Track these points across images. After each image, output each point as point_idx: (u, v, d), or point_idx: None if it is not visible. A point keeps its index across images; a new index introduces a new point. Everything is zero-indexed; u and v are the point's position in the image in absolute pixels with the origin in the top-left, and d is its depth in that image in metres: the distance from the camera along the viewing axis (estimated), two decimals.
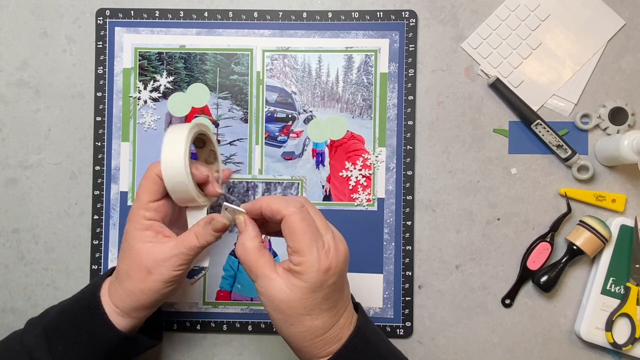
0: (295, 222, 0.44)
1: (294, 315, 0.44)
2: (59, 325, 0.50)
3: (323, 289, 0.44)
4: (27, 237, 0.64)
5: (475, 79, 0.65)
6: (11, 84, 0.65)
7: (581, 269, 0.63)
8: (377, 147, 0.64)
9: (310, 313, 0.44)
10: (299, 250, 0.44)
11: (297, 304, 0.44)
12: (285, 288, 0.44)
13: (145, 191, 0.50)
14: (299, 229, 0.44)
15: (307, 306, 0.44)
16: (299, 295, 0.44)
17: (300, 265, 0.44)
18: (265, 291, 0.45)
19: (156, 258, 0.48)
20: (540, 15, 0.64)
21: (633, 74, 0.64)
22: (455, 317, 0.63)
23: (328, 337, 0.46)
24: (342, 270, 0.46)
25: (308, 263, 0.44)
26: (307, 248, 0.44)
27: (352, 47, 0.64)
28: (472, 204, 0.64)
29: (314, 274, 0.44)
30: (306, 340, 0.45)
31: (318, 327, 0.45)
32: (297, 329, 0.45)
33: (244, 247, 0.46)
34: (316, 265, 0.44)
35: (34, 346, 0.49)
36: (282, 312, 0.45)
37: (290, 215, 0.44)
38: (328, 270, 0.44)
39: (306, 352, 0.46)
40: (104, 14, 0.64)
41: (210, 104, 0.64)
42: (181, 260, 0.49)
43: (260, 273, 0.45)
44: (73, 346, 0.49)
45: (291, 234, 0.44)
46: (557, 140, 0.62)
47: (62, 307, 0.52)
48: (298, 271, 0.44)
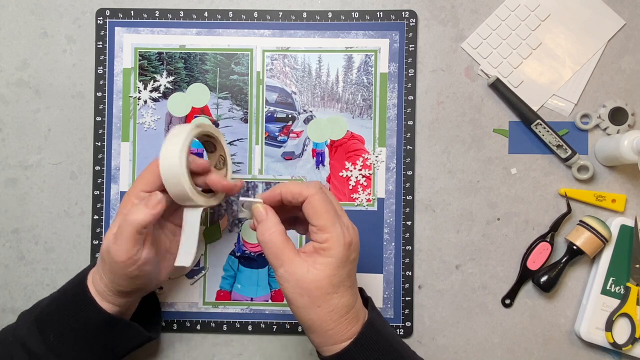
0: (319, 201, 0.46)
1: (321, 296, 0.45)
2: (49, 315, 0.51)
3: (347, 264, 0.46)
4: (27, 237, 0.64)
5: (475, 79, 0.65)
6: (11, 84, 0.65)
7: (581, 269, 0.63)
8: (377, 147, 0.64)
9: (337, 290, 0.46)
10: (324, 227, 0.46)
11: (325, 282, 0.45)
12: (312, 269, 0.45)
13: (141, 180, 0.51)
14: (323, 207, 0.46)
15: (334, 283, 0.45)
16: (327, 272, 0.45)
17: (327, 242, 0.45)
18: (291, 275, 0.45)
19: (103, 249, 0.50)
20: (540, 15, 0.64)
21: (633, 74, 0.64)
22: (455, 317, 0.63)
23: (350, 317, 0.47)
24: (358, 249, 0.48)
25: (334, 239, 0.45)
26: (332, 225, 0.46)
27: (352, 47, 0.64)
28: (472, 204, 0.64)
29: (340, 249, 0.45)
30: (332, 321, 0.46)
31: (343, 305, 0.46)
32: (324, 310, 0.46)
33: (269, 232, 0.47)
34: (341, 239, 0.46)
35: (26, 337, 0.50)
36: (310, 293, 0.45)
37: (314, 195, 0.46)
38: (350, 244, 0.46)
39: (330, 335, 0.46)
40: (104, 14, 0.64)
41: (210, 104, 0.64)
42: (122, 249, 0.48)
43: (287, 257, 0.46)
44: (64, 333, 0.50)
45: (315, 213, 0.46)
46: (557, 140, 0.62)
47: (52, 298, 0.53)
48: (325, 248, 0.45)
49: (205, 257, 0.64)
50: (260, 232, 0.47)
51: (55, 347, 0.50)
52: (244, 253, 0.64)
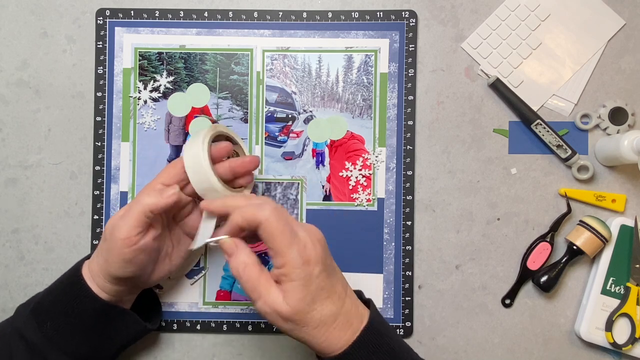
0: (273, 224, 0.45)
1: (302, 318, 0.45)
2: (45, 305, 0.52)
3: (313, 280, 0.45)
4: (27, 237, 0.64)
5: (475, 79, 0.65)
6: (11, 84, 0.65)
7: (581, 269, 0.63)
8: (377, 147, 0.64)
9: (314, 307, 0.45)
10: (280, 251, 0.45)
11: (300, 305, 0.45)
12: (284, 297, 0.45)
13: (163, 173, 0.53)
14: (277, 229, 0.45)
15: (308, 302, 0.45)
16: (298, 296, 0.45)
17: (284, 266, 0.45)
18: (269, 307, 0.45)
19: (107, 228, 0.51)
20: (540, 15, 0.64)
21: (633, 74, 0.64)
22: (455, 317, 0.63)
23: (339, 323, 0.46)
24: (323, 258, 0.47)
25: (291, 262, 0.45)
26: (287, 248, 0.45)
27: (352, 47, 0.64)
28: (472, 204, 0.64)
29: (299, 270, 0.45)
30: (321, 335, 0.46)
31: (327, 315, 0.46)
32: (310, 328, 0.46)
33: (244, 264, 0.46)
34: (298, 261, 0.45)
35: (23, 327, 0.51)
36: (292, 319, 0.45)
37: (267, 219, 0.45)
38: (309, 262, 0.45)
39: (325, 347, 0.47)
40: (104, 14, 0.64)
41: (210, 104, 0.64)
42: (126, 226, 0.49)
43: (264, 289, 0.46)
44: (60, 322, 0.50)
45: (270, 237, 0.45)
46: (557, 140, 0.62)
47: (48, 289, 0.54)
48: (285, 273, 0.45)
49: (205, 257, 0.64)
50: (234, 267, 0.47)
51: (52, 336, 0.50)
52: None
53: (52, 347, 0.50)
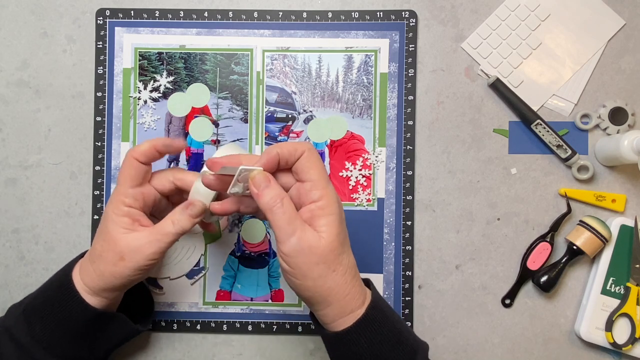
0: (315, 156, 0.46)
1: (335, 258, 0.45)
2: (36, 306, 0.51)
3: (343, 220, 0.47)
4: (27, 237, 0.64)
5: (475, 79, 0.65)
6: (11, 84, 0.65)
7: (581, 269, 0.63)
8: (377, 147, 0.64)
9: (344, 249, 0.46)
10: (319, 181, 0.45)
11: (336, 242, 0.45)
12: (322, 230, 0.44)
13: (125, 176, 0.50)
14: (318, 162, 0.46)
15: (342, 241, 0.46)
16: (335, 231, 0.45)
17: (323, 198, 0.45)
18: (305, 243, 0.43)
19: (130, 245, 0.49)
20: (540, 15, 0.64)
21: (633, 74, 0.64)
22: (455, 317, 0.63)
23: (358, 277, 0.47)
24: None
25: (330, 194, 0.45)
26: (326, 180, 0.46)
27: (352, 47, 0.64)
28: (472, 204, 0.64)
29: (336, 204, 0.46)
30: (347, 284, 0.46)
31: (352, 263, 0.47)
32: (339, 273, 0.45)
33: (282, 196, 0.44)
34: (335, 195, 0.46)
35: (14, 327, 0.51)
36: (325, 258, 0.44)
37: (311, 150, 0.46)
38: (340, 201, 0.47)
39: (348, 301, 0.46)
40: (104, 14, 0.64)
41: (210, 104, 0.64)
42: (155, 248, 0.49)
43: (299, 224, 0.44)
44: (50, 325, 0.50)
45: (311, 168, 0.45)
46: (557, 140, 0.62)
47: (39, 289, 0.54)
48: (322, 206, 0.45)
49: (205, 257, 0.64)
50: (270, 199, 0.44)
51: (41, 338, 0.50)
52: (244, 253, 0.64)
53: (41, 348, 0.50)
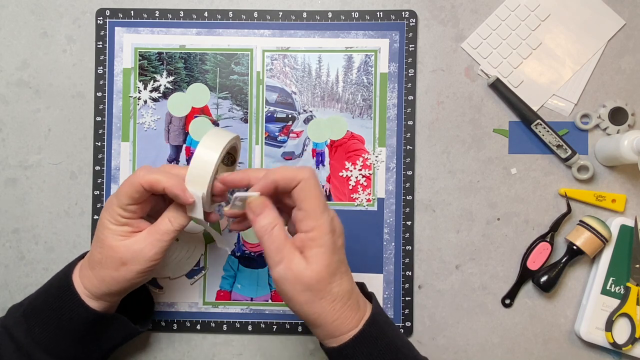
0: (312, 185, 0.46)
1: (323, 288, 0.45)
2: (36, 308, 0.51)
3: (337, 250, 0.46)
4: (27, 237, 0.64)
5: (475, 79, 0.65)
6: (11, 84, 0.65)
7: (581, 269, 0.63)
8: (377, 147, 0.64)
9: (335, 279, 0.46)
10: (313, 212, 0.45)
11: (324, 272, 0.45)
12: (308, 263, 0.45)
13: (126, 195, 0.48)
14: (316, 191, 0.46)
15: (332, 272, 0.45)
16: (323, 263, 0.45)
17: (314, 230, 0.45)
18: (291, 272, 0.44)
19: (130, 249, 0.49)
20: (540, 15, 0.64)
21: (633, 74, 0.64)
22: (455, 317, 0.63)
23: (351, 303, 0.47)
24: (344, 233, 0.48)
25: (322, 226, 0.45)
26: (321, 211, 0.45)
27: (352, 47, 0.64)
28: (472, 204, 0.64)
29: (328, 237, 0.45)
30: (336, 311, 0.46)
31: (345, 291, 0.46)
32: (327, 301, 0.45)
33: (274, 224, 0.45)
34: (327, 227, 0.45)
35: (13, 328, 0.51)
36: (312, 287, 0.45)
37: (308, 179, 0.45)
38: (335, 231, 0.46)
39: (336, 326, 0.46)
40: (104, 14, 0.64)
41: (210, 104, 0.64)
42: (157, 249, 0.49)
43: (288, 252, 0.45)
44: (50, 327, 0.50)
45: (307, 197, 0.45)
46: (557, 140, 0.62)
47: (40, 290, 0.54)
48: (312, 237, 0.45)
49: (205, 257, 0.64)
50: (262, 226, 0.46)
51: (40, 340, 0.50)
52: (244, 253, 0.64)
53: (40, 350, 0.50)
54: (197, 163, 0.48)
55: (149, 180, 0.47)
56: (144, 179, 0.48)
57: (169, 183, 0.47)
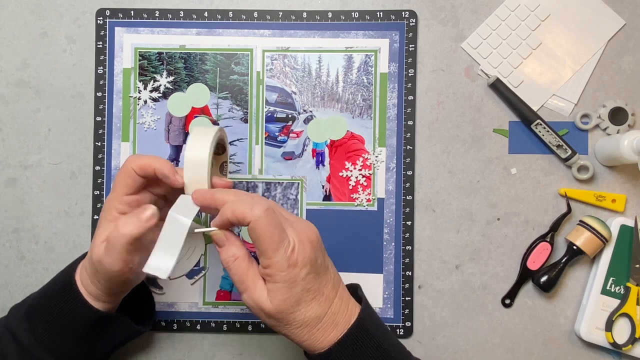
0: (261, 227, 0.44)
1: (285, 317, 0.46)
2: (38, 307, 0.52)
3: (298, 282, 0.45)
4: (27, 237, 0.64)
5: (475, 79, 0.65)
6: (11, 84, 0.65)
7: (581, 269, 0.63)
8: (377, 147, 0.64)
9: (297, 309, 0.46)
10: (265, 253, 0.45)
11: (282, 306, 0.45)
12: (268, 295, 0.45)
13: (120, 184, 0.49)
14: (266, 232, 0.44)
15: (292, 304, 0.45)
16: (281, 297, 0.45)
17: (269, 267, 0.45)
18: (254, 301, 0.46)
19: (94, 257, 0.49)
20: (540, 15, 0.64)
21: (633, 74, 0.64)
22: (455, 317, 0.63)
23: (324, 325, 0.47)
24: (312, 260, 0.46)
25: (275, 265, 0.45)
26: (274, 251, 0.44)
27: (352, 47, 0.64)
28: (472, 204, 0.64)
29: (284, 273, 0.45)
30: (304, 335, 0.46)
31: (311, 318, 0.46)
32: (292, 327, 0.46)
33: (234, 257, 0.47)
34: (284, 264, 0.45)
35: (16, 327, 0.51)
36: (273, 316, 0.46)
37: (257, 221, 0.44)
38: (296, 264, 0.45)
39: (308, 345, 0.47)
40: (104, 14, 0.64)
41: (210, 104, 0.64)
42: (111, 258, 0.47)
43: (250, 282, 0.46)
44: (52, 326, 0.50)
45: (258, 238, 0.45)
46: (557, 140, 0.62)
47: (42, 290, 0.54)
48: (269, 274, 0.45)
49: (205, 257, 0.64)
50: (224, 259, 0.47)
51: (43, 339, 0.50)
52: None
53: (43, 349, 0.50)
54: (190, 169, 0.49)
55: (140, 163, 0.48)
56: (135, 163, 0.49)
57: (159, 164, 0.48)
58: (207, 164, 0.49)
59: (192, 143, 0.50)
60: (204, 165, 0.49)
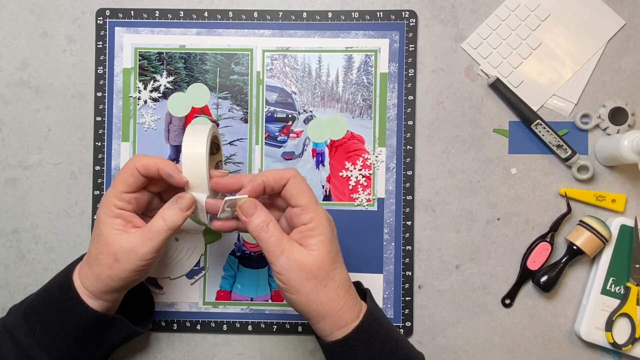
0: (301, 181, 0.48)
1: (326, 275, 0.47)
2: (36, 308, 0.51)
3: (334, 239, 0.48)
4: (27, 237, 0.64)
5: (475, 79, 0.65)
6: (11, 84, 0.65)
7: (581, 269, 0.63)
8: (377, 147, 0.64)
9: (336, 266, 0.48)
10: (308, 205, 0.47)
11: (326, 259, 0.46)
12: (309, 251, 0.46)
13: (121, 181, 0.49)
14: (305, 186, 0.48)
15: (332, 259, 0.47)
16: (325, 249, 0.46)
17: (313, 221, 0.47)
18: (294, 261, 0.46)
19: (123, 247, 0.48)
20: (540, 15, 0.64)
21: (633, 74, 0.64)
22: (455, 317, 0.63)
23: (352, 292, 0.49)
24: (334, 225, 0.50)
25: (319, 216, 0.47)
26: (314, 203, 0.48)
27: (352, 47, 0.64)
28: (472, 204, 0.64)
29: (326, 225, 0.47)
30: (340, 298, 0.47)
31: (345, 279, 0.48)
32: (331, 288, 0.47)
33: (267, 221, 0.47)
34: (324, 216, 0.48)
35: (14, 328, 0.51)
36: (316, 275, 0.46)
37: (296, 177, 0.48)
38: (331, 220, 0.49)
39: (341, 315, 0.47)
40: (104, 14, 0.64)
41: (210, 104, 0.64)
42: (148, 248, 0.48)
43: (287, 244, 0.47)
44: (50, 327, 0.50)
45: (299, 193, 0.47)
46: (557, 140, 0.62)
47: (40, 291, 0.54)
48: (312, 227, 0.47)
49: (206, 257, 0.64)
50: (256, 225, 0.47)
51: (41, 340, 0.50)
52: (244, 253, 0.64)
53: (41, 350, 0.50)
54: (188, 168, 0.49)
55: (144, 163, 0.49)
56: (139, 163, 0.49)
57: (163, 164, 0.49)
58: (205, 159, 0.49)
59: (188, 140, 0.50)
60: (202, 160, 0.49)
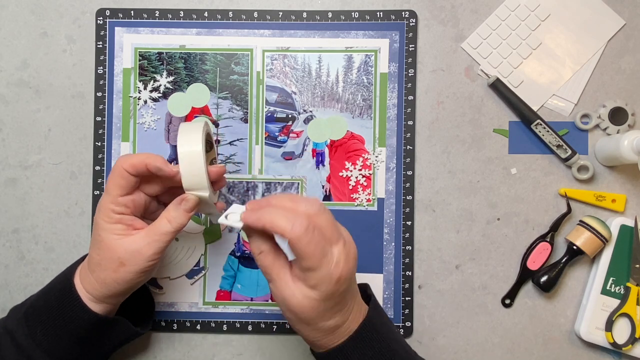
0: (303, 247, 0.42)
1: (306, 319, 0.45)
2: (37, 310, 0.51)
3: (334, 297, 0.45)
4: (27, 237, 0.64)
5: (475, 79, 0.65)
6: (11, 84, 0.65)
7: (581, 269, 0.63)
8: (377, 147, 0.64)
9: (322, 319, 0.45)
10: (310, 268, 0.43)
11: (310, 311, 0.45)
12: (299, 295, 0.44)
13: (113, 186, 0.49)
14: (307, 251, 0.42)
15: (319, 313, 0.45)
16: (312, 304, 0.44)
17: (309, 280, 0.44)
18: (279, 294, 0.46)
19: (128, 250, 0.48)
20: (540, 15, 0.64)
21: (633, 74, 0.64)
22: (455, 317, 0.63)
23: (340, 332, 0.47)
24: (352, 275, 0.46)
25: (321, 278, 0.43)
26: (318, 267, 0.43)
27: (352, 47, 0.64)
28: (472, 204, 0.64)
29: (327, 286, 0.43)
30: (318, 337, 0.47)
31: (330, 326, 0.46)
32: (310, 329, 0.46)
33: (257, 253, 0.46)
34: (327, 278, 0.43)
35: (15, 330, 0.51)
36: (296, 315, 0.45)
37: (298, 240, 0.42)
38: (339, 280, 0.44)
39: (319, 345, 0.48)
40: (104, 14, 0.64)
41: (210, 104, 0.64)
42: (155, 249, 0.49)
43: (275, 275, 0.46)
44: (51, 329, 0.50)
45: (299, 255, 0.43)
46: (557, 140, 0.62)
47: (41, 292, 0.53)
48: (312, 285, 0.44)
49: (206, 257, 0.64)
50: (252, 248, 0.47)
51: (42, 342, 0.50)
52: (244, 253, 0.64)
53: (41, 351, 0.50)
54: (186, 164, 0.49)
55: (131, 162, 0.48)
56: (125, 163, 0.48)
57: (150, 159, 0.48)
58: (201, 156, 0.49)
59: (183, 138, 0.49)
60: (199, 158, 0.49)
